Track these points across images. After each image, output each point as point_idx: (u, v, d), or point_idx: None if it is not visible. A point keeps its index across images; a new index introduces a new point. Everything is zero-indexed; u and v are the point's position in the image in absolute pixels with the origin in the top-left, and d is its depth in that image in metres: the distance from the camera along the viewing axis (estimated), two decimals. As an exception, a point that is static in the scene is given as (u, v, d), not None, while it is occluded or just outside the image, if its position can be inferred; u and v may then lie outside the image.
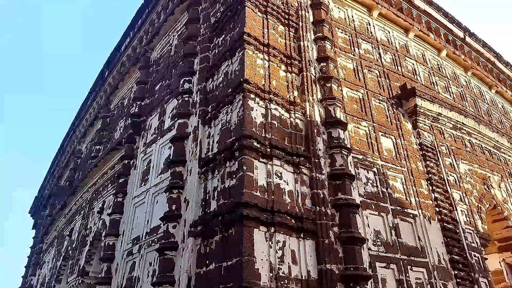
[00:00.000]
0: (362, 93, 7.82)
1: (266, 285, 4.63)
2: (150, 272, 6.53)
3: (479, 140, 9.70)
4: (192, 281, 5.34)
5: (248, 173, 5.21)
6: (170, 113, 8.28)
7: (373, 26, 9.59)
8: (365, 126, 7.30)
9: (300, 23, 7.51)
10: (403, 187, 7.09)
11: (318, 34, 7.55)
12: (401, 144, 7.67)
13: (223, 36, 7.39)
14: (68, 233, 12.36)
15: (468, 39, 12.48)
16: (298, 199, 5.60)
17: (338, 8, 9.03)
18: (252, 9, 6.90)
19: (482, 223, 7.88)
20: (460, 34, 12.24)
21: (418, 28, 10.64)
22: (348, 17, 9.08)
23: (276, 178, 5.51)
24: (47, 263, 14.45)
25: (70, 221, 12.74)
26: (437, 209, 7.11)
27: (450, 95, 10.59)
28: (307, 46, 7.28)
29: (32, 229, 20.50)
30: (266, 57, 6.59)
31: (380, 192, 6.64)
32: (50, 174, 19.26)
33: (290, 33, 7.33)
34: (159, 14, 10.58)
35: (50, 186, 18.94)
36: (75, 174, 15.16)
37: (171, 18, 9.82)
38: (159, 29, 10.31)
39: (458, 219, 7.21)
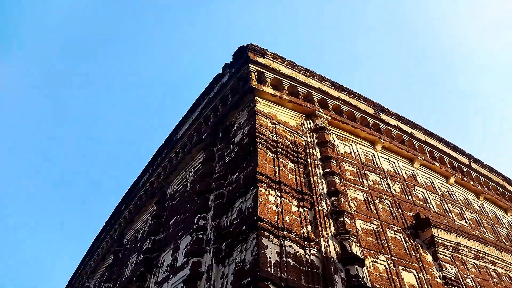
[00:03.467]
0: (376, 225, 7.82)
1: None
2: None
3: (505, 270, 9.18)
4: None
5: (265, 320, 4.93)
6: (184, 249, 8.25)
7: (378, 158, 10.13)
8: (383, 260, 7.09)
9: (309, 160, 8.02)
10: (434, 329, 6.49)
11: (326, 170, 7.98)
12: (424, 278, 7.30)
13: (237, 173, 7.84)
14: None
15: (473, 165, 12.91)
16: None
17: (343, 144, 9.71)
18: (263, 150, 7.50)
19: None
20: (465, 160, 12.73)
21: (422, 158, 11.16)
22: (354, 151, 9.69)
23: (295, 324, 5.18)
24: None
25: None
26: None
27: (466, 222, 10.45)
28: (317, 181, 7.63)
29: None
30: (278, 194, 6.88)
31: (409, 336, 6.07)
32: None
33: (300, 169, 7.77)
34: (177, 152, 11.43)
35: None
36: (80, 314, 14.29)
37: (188, 156, 10.59)
38: (176, 166, 11.03)
39: None
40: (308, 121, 9.35)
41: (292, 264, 5.90)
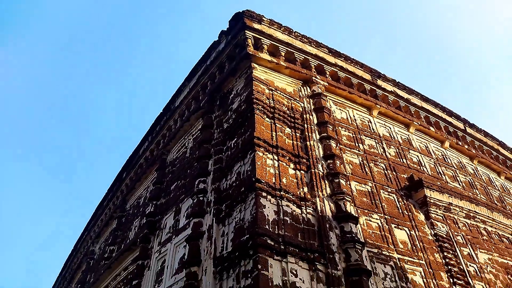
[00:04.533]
0: (370, 186, 8.10)
1: None
2: None
3: (495, 228, 9.57)
4: None
5: (263, 271, 5.26)
6: (185, 212, 8.57)
7: (374, 123, 10.30)
8: (377, 219, 7.41)
9: (306, 125, 8.18)
10: (423, 280, 6.89)
11: (323, 134, 8.16)
12: (416, 235, 7.66)
13: (235, 139, 8.02)
14: None
15: (468, 129, 13.10)
16: (315, 297, 5.52)
17: (340, 109, 9.85)
18: (260, 115, 7.64)
19: (514, 320, 7.40)
20: (460, 125, 12.91)
21: (418, 123, 11.33)
22: (350, 117, 9.84)
23: (292, 276, 5.52)
24: None
25: (79, 329, 12.19)
26: (461, 304, 6.80)
27: (459, 184, 10.77)
28: (313, 145, 7.83)
29: None
30: (276, 157, 7.09)
31: (399, 287, 6.47)
32: (61, 276, 18.87)
33: (297, 134, 7.95)
34: (176, 121, 11.57)
35: (60, 291, 18.42)
36: (87, 276, 14.89)
37: (187, 124, 10.73)
38: (175, 134, 11.19)
39: (486, 315, 6.83)
40: (305, 87, 9.44)
41: (289, 222, 6.19)
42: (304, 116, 8.48)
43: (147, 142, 12.97)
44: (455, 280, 7.16)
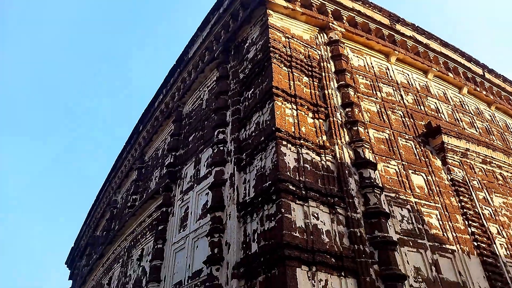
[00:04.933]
0: (388, 133, 8.15)
1: (311, 324, 4.77)
2: (194, 317, 6.71)
3: (511, 173, 9.68)
4: (238, 323, 5.52)
5: (286, 215, 5.52)
6: (205, 161, 8.81)
7: (392, 70, 10.11)
8: (394, 165, 7.55)
9: (323, 74, 8.10)
10: (439, 223, 7.15)
11: (341, 82, 8.09)
12: (433, 180, 7.82)
13: (252, 89, 8.02)
14: (107, 281, 12.66)
15: (487, 75, 12.78)
16: (336, 238, 5.82)
17: (357, 57, 9.64)
18: (278, 64, 7.56)
19: (524, 258, 7.72)
20: (479, 71, 12.58)
21: (436, 69, 11.08)
22: (367, 64, 9.66)
23: (313, 218, 5.79)
24: (85, 315, 14.66)
25: (109, 269, 13.08)
26: (475, 244, 7.09)
27: (476, 130, 10.74)
28: (331, 93, 7.80)
29: (69, 279, 20.88)
30: (294, 107, 7.12)
31: (416, 228, 6.75)
32: (86, 225, 19.95)
33: (314, 83, 7.90)
34: (190, 72, 11.50)
35: (86, 237, 19.54)
36: (111, 224, 15.73)
37: (201, 76, 10.69)
38: (190, 86, 11.18)
39: (497, 253, 7.14)
40: (321, 34, 9.20)
41: (309, 169, 6.37)
42: (322, 64, 8.36)
43: (162, 95, 13.03)
44: (470, 222, 7.41)
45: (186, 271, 7.60)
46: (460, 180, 8.19)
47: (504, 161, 9.56)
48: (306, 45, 8.70)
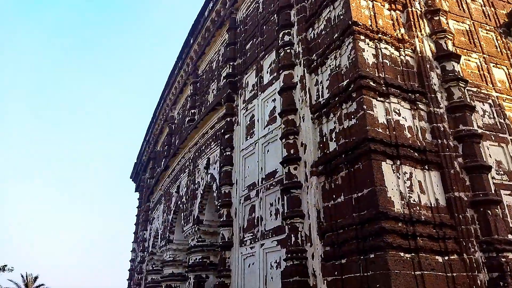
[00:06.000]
0: (468, 24, 7.46)
1: (399, 211, 4.97)
2: (272, 211, 7.23)
3: None
4: (321, 213, 5.88)
5: (368, 111, 5.45)
6: (268, 68, 8.66)
7: (473, -50, 8.85)
8: (475, 58, 7.04)
9: (398, -42, 7.24)
10: (521, 117, 6.82)
11: (418, -33, 7.24)
12: (515, 74, 7.27)
13: (319, -17, 7.41)
14: (176, 189, 13.77)
15: None
16: (418, 133, 5.74)
17: None
18: (349, -50, 6.81)
19: None
20: None
21: None
22: None
23: (395, 115, 5.68)
24: (157, 218, 16.32)
25: (175, 179, 14.13)
26: None
27: None
28: (408, -19, 7.05)
29: (135, 192, 22.98)
30: (368, -2, 6.56)
31: (498, 123, 6.50)
32: (146, 142, 21.19)
33: (389, -30, 7.12)
34: (242, -27, 10.76)
35: (147, 153, 20.90)
36: (171, 138, 16.56)
37: (255, -25, 9.98)
38: (243, -12, 10.55)
39: None
40: None
41: (388, 64, 6.08)
42: None
43: (212, 3, 12.48)
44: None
45: (259, 173, 7.99)
46: (548, 72, 7.54)
47: None
48: None
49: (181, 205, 12.82)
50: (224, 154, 9.47)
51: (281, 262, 6.63)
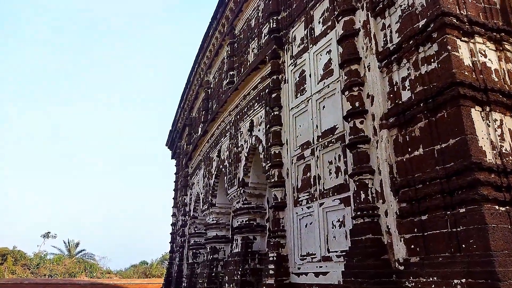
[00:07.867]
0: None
1: (491, 161, 4.48)
2: (332, 169, 6.86)
3: None
4: (394, 168, 5.45)
5: (453, 52, 4.85)
6: (320, 17, 8.03)
7: None
8: None
9: None
10: None
11: None
12: None
13: None
14: (216, 154, 13.62)
15: None
16: (505, 77, 5.12)
17: None
18: None
19: None
20: None
21: None
22: None
23: (481, 56, 5.06)
24: (197, 183, 16.38)
25: (215, 144, 13.95)
26: None
27: None
28: None
29: (172, 158, 23.19)
30: None
31: None
32: (181, 108, 21.06)
33: None
34: None
35: (182, 120, 20.82)
36: (208, 103, 16.28)
37: None
38: None
39: None
40: None
41: (470, 1, 5.38)
42: None
43: (249, -45, 11.71)
44: None
45: (314, 131, 7.57)
46: None
47: None
48: None
49: (223, 169, 12.69)
50: (272, 114, 9.08)
51: (345, 220, 6.33)
